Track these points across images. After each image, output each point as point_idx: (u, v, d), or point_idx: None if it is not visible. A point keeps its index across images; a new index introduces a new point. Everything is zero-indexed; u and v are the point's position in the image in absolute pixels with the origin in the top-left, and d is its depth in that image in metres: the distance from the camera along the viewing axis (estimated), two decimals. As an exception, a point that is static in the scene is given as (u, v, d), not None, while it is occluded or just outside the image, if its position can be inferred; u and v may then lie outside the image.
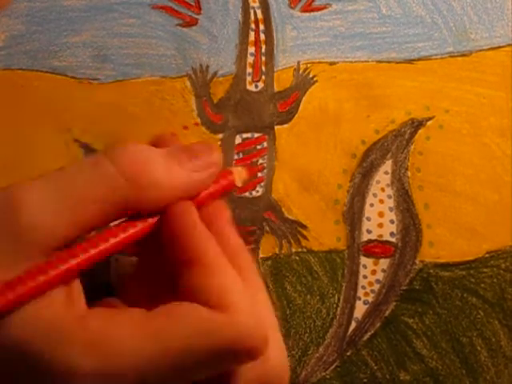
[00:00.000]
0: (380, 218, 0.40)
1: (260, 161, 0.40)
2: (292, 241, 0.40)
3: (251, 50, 0.41)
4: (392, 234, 0.40)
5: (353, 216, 0.40)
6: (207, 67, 0.40)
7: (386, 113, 0.41)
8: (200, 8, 0.41)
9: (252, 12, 0.41)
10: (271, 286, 0.40)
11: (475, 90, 0.42)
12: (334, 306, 0.40)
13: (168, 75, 0.40)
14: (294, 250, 0.40)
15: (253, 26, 0.41)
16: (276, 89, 0.41)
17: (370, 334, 0.40)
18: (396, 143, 0.41)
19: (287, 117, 0.41)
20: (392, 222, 0.40)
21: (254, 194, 0.40)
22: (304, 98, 0.41)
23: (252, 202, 0.40)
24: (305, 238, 0.40)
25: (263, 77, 0.41)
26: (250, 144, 0.40)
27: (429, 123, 0.41)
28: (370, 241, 0.40)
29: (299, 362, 0.39)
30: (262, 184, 0.40)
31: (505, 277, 0.40)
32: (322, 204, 0.40)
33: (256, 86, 0.41)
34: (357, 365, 0.39)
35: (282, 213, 0.40)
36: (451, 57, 0.42)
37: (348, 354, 0.40)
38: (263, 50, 0.41)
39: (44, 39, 0.40)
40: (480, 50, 0.42)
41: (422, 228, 0.40)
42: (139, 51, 0.40)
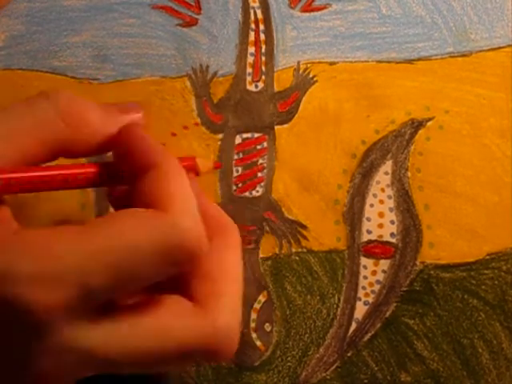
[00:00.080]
0: (380, 219, 0.40)
1: (260, 161, 0.40)
2: (292, 241, 0.40)
3: (251, 50, 0.41)
4: (392, 234, 0.40)
5: (353, 216, 0.40)
6: (207, 67, 0.40)
7: (386, 113, 0.41)
8: (200, 8, 0.41)
9: (252, 12, 0.41)
10: (271, 286, 0.40)
11: (475, 90, 0.42)
12: (335, 306, 0.40)
13: (168, 75, 0.40)
14: (294, 250, 0.40)
15: (253, 26, 0.41)
16: (276, 89, 0.41)
17: (370, 334, 0.40)
18: (396, 143, 0.41)
19: (287, 117, 0.41)
20: (392, 222, 0.40)
21: (254, 193, 0.40)
22: (304, 98, 0.41)
23: (252, 202, 0.40)
24: (305, 238, 0.40)
25: (263, 77, 0.41)
26: (250, 144, 0.40)
27: (429, 124, 0.41)
28: (370, 241, 0.40)
29: (299, 362, 0.39)
30: (262, 184, 0.40)
31: (506, 279, 0.40)
32: (322, 204, 0.40)
33: (256, 86, 0.41)
34: (357, 366, 0.39)
35: (282, 213, 0.40)
36: (451, 57, 0.42)
37: (348, 354, 0.39)
38: (263, 50, 0.41)
39: (44, 39, 0.40)
40: (480, 51, 0.42)
41: (422, 229, 0.40)
42: (139, 51, 0.40)
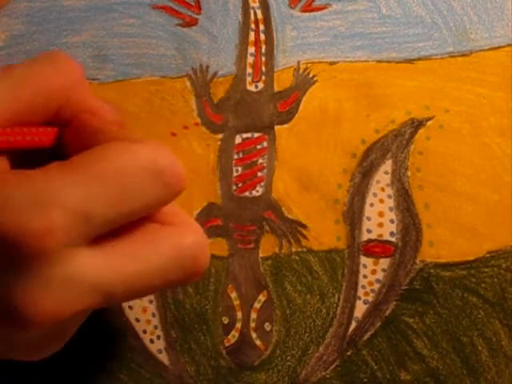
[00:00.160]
0: (380, 218, 0.40)
1: (260, 160, 0.40)
2: (292, 240, 0.40)
3: (251, 50, 0.41)
4: (392, 233, 0.40)
5: (353, 216, 0.40)
6: (207, 67, 0.40)
7: (386, 112, 0.41)
8: (200, 8, 0.41)
9: (252, 12, 0.41)
10: (271, 286, 0.40)
11: (475, 90, 0.42)
12: (334, 305, 0.40)
13: (168, 75, 0.40)
14: (293, 250, 0.40)
15: (253, 26, 0.41)
16: (276, 89, 0.41)
17: (370, 333, 0.40)
18: (396, 143, 0.41)
19: (287, 117, 0.41)
20: (392, 221, 0.40)
21: (254, 193, 0.40)
22: (304, 98, 0.41)
23: (252, 202, 0.40)
24: (305, 237, 0.40)
25: (263, 77, 0.41)
26: (250, 144, 0.40)
27: (429, 123, 0.41)
28: (370, 240, 0.40)
29: (299, 361, 0.39)
30: (262, 184, 0.40)
31: (505, 276, 0.40)
32: (321, 203, 0.40)
33: (256, 87, 0.41)
34: (357, 364, 0.39)
35: (281, 212, 0.40)
36: (451, 57, 0.42)
37: (348, 353, 0.39)
38: (263, 50, 0.41)
39: (44, 39, 0.40)
40: (480, 50, 0.42)
41: (422, 228, 0.40)
42: (139, 51, 0.40)
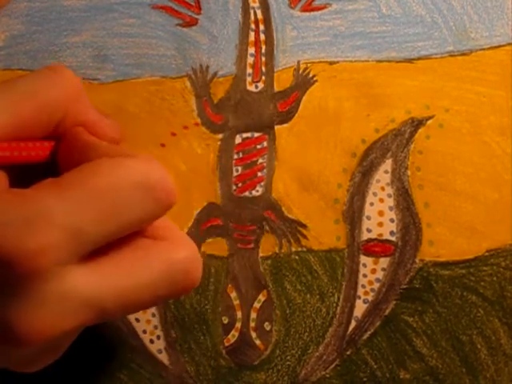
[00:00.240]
0: (380, 217, 0.40)
1: (260, 160, 0.40)
2: (292, 240, 0.40)
3: (251, 50, 0.41)
4: (392, 232, 0.40)
5: (353, 215, 0.40)
6: (207, 67, 0.40)
7: (386, 112, 0.41)
8: (200, 8, 0.41)
9: (252, 12, 0.41)
10: (271, 286, 0.40)
11: (475, 89, 0.42)
12: (334, 305, 0.40)
13: (168, 75, 0.40)
14: (293, 250, 0.40)
15: (253, 26, 0.41)
16: (276, 89, 0.41)
17: (369, 332, 0.40)
18: (396, 142, 0.41)
19: (287, 116, 0.41)
20: (392, 220, 0.40)
21: (254, 193, 0.40)
22: (304, 98, 0.41)
23: (252, 202, 0.40)
24: (305, 237, 0.40)
25: (263, 77, 0.41)
26: (250, 144, 0.40)
27: (429, 122, 0.41)
28: (369, 240, 0.40)
29: (299, 361, 0.39)
30: (262, 183, 0.40)
31: (505, 275, 0.40)
32: (321, 203, 0.40)
33: (256, 87, 0.41)
34: (357, 364, 0.39)
35: (281, 212, 0.40)
36: (451, 56, 0.42)
37: (348, 353, 0.40)
38: (263, 51, 0.41)
39: (44, 39, 0.40)
40: (480, 49, 0.42)
41: (421, 227, 0.40)
42: (139, 51, 0.40)
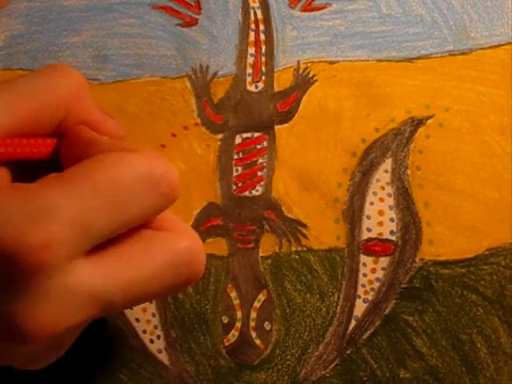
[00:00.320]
0: (380, 217, 0.40)
1: (260, 160, 0.40)
2: (292, 239, 0.40)
3: (251, 50, 0.41)
4: (392, 232, 0.40)
5: (353, 214, 0.40)
6: (207, 67, 0.40)
7: (386, 111, 0.41)
8: (200, 8, 0.41)
9: (252, 12, 0.41)
10: (271, 285, 0.40)
11: (475, 88, 0.42)
12: (334, 304, 0.40)
13: (168, 75, 0.40)
14: (293, 249, 0.40)
15: (253, 26, 0.41)
16: (276, 89, 0.41)
17: (369, 332, 0.40)
18: (396, 142, 0.41)
19: (287, 116, 0.41)
20: (392, 220, 0.40)
21: (254, 193, 0.40)
22: (304, 98, 0.41)
23: (252, 201, 0.40)
24: (305, 236, 0.40)
25: (263, 77, 0.41)
26: (250, 144, 0.40)
27: (429, 122, 0.41)
28: (369, 239, 0.40)
29: (299, 360, 0.39)
30: (262, 183, 0.40)
31: (504, 274, 0.40)
32: (321, 203, 0.40)
33: (256, 87, 0.41)
34: (356, 363, 0.39)
35: (281, 212, 0.40)
36: (451, 55, 0.42)
37: (348, 352, 0.40)
38: (263, 51, 0.41)
39: (44, 39, 0.40)
40: (480, 49, 0.42)
41: (421, 226, 0.40)
42: (139, 51, 0.40)
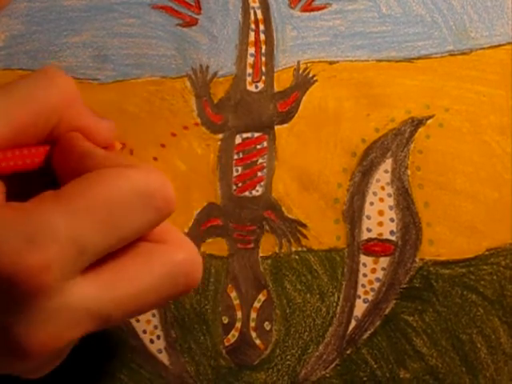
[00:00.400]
0: (380, 217, 0.40)
1: (260, 160, 0.40)
2: (292, 240, 0.40)
3: (251, 50, 0.41)
4: (392, 232, 0.40)
5: (353, 215, 0.40)
6: (207, 67, 0.40)
7: (386, 111, 0.41)
8: (200, 8, 0.41)
9: (252, 12, 0.41)
10: (271, 285, 0.40)
11: (475, 88, 0.42)
12: (334, 304, 0.40)
13: (168, 75, 0.40)
14: (293, 249, 0.40)
15: (253, 26, 0.41)
16: (276, 89, 0.41)
17: (369, 332, 0.40)
18: (396, 142, 0.41)
19: (287, 116, 0.41)
20: (392, 220, 0.40)
21: (254, 193, 0.40)
22: (304, 98, 0.41)
23: (252, 202, 0.40)
24: (305, 236, 0.40)
25: (263, 77, 0.41)
26: (250, 144, 0.40)
27: (429, 122, 0.41)
28: (369, 239, 0.40)
29: (299, 360, 0.39)
30: (262, 183, 0.40)
31: (505, 274, 0.40)
32: (321, 203, 0.40)
33: (256, 87, 0.41)
34: (357, 363, 0.39)
35: (281, 212, 0.40)
36: (451, 55, 0.42)
37: (348, 352, 0.40)
38: (263, 51, 0.41)
39: (44, 39, 0.40)
40: (480, 49, 0.42)
41: (421, 226, 0.40)
42: (139, 51, 0.40)
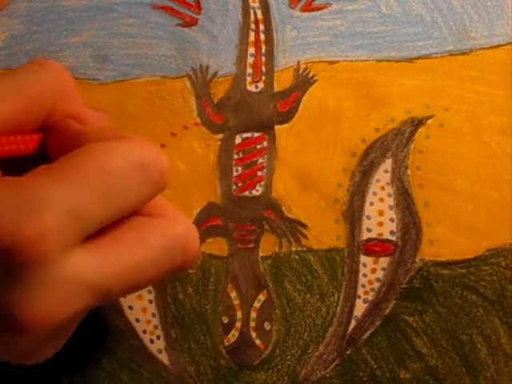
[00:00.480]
0: (380, 217, 0.40)
1: (260, 160, 0.40)
2: (292, 240, 0.40)
3: (251, 50, 0.41)
4: (392, 232, 0.40)
5: (353, 215, 0.40)
6: (207, 67, 0.40)
7: (386, 111, 0.41)
8: (200, 8, 0.41)
9: (252, 12, 0.41)
10: (271, 285, 0.40)
11: (475, 88, 0.42)
12: (334, 304, 0.40)
13: (168, 75, 0.40)
14: (293, 249, 0.40)
15: (253, 26, 0.41)
16: (276, 89, 0.41)
17: (369, 332, 0.40)
18: (396, 142, 0.41)
19: (287, 116, 0.41)
20: (392, 220, 0.40)
21: (254, 193, 0.40)
22: (304, 98, 0.41)
23: (252, 201, 0.40)
24: (305, 236, 0.40)
25: (263, 77, 0.41)
26: (250, 144, 0.40)
27: (429, 122, 0.41)
28: (369, 239, 0.40)
29: (299, 360, 0.39)
30: (262, 183, 0.40)
31: (505, 274, 0.40)
32: (321, 203, 0.40)
33: (256, 87, 0.41)
34: (356, 363, 0.39)
35: (281, 212, 0.40)
36: (451, 55, 0.42)
37: (348, 352, 0.40)
38: (263, 51, 0.41)
39: (44, 39, 0.40)
40: (480, 49, 0.42)
41: (421, 226, 0.40)
42: (139, 51, 0.40)
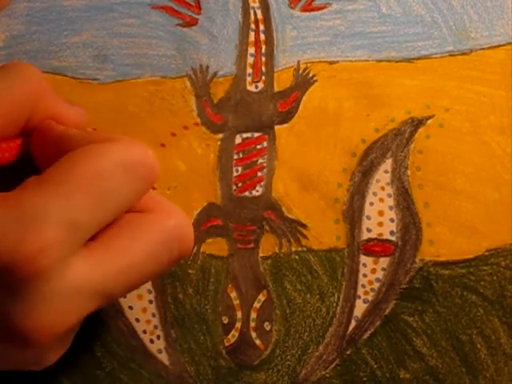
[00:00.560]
0: (380, 217, 0.40)
1: (260, 160, 0.40)
2: (292, 240, 0.40)
3: (251, 50, 0.41)
4: (392, 232, 0.40)
5: (353, 215, 0.40)
6: (207, 67, 0.40)
7: (385, 112, 0.41)
8: (200, 8, 0.41)
9: (252, 12, 0.41)
10: (271, 285, 0.40)
11: (475, 88, 0.42)
12: (334, 304, 0.40)
13: (168, 75, 0.40)
14: (293, 249, 0.40)
15: (253, 26, 0.41)
16: (276, 89, 0.41)
17: (369, 332, 0.40)
18: (396, 142, 0.41)
19: (287, 116, 0.41)
20: (392, 220, 0.40)
21: (254, 193, 0.40)
22: (304, 98, 0.41)
23: (252, 202, 0.40)
24: (305, 237, 0.40)
25: (263, 77, 0.41)
26: (250, 144, 0.40)
27: (429, 122, 0.41)
28: (369, 239, 0.40)
29: (299, 360, 0.39)
30: (262, 183, 0.40)
31: (505, 274, 0.40)
32: (321, 203, 0.40)
33: (256, 87, 0.41)
34: (357, 363, 0.39)
35: (281, 212, 0.40)
36: (451, 55, 0.42)
37: (348, 352, 0.40)
38: (263, 51, 0.41)
39: (44, 39, 0.40)
40: (480, 49, 0.42)
41: (421, 226, 0.40)
42: (139, 51, 0.40)
